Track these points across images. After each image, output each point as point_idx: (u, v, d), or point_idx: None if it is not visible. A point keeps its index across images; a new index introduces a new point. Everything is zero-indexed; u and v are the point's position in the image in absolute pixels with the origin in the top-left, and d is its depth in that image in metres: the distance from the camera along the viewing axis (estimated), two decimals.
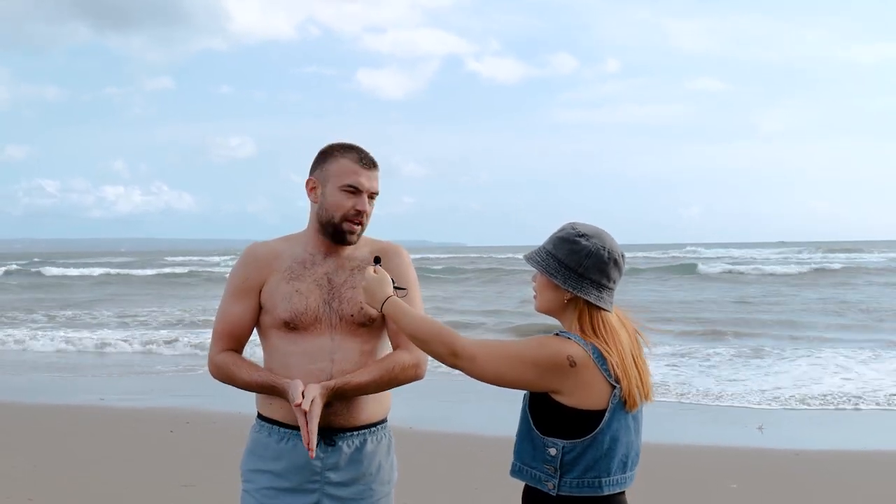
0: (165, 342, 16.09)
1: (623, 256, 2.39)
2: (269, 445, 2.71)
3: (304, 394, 2.55)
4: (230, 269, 2.87)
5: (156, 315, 22.03)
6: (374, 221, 2.77)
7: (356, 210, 2.70)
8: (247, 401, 2.93)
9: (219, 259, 64.03)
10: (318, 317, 2.69)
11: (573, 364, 2.26)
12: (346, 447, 2.70)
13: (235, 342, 2.77)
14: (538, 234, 2.49)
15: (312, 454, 2.53)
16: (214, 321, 2.82)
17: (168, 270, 46.28)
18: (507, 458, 2.44)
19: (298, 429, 2.65)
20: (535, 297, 2.44)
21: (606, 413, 2.29)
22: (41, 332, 17.90)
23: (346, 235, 2.72)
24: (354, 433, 2.72)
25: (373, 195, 2.74)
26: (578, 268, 2.33)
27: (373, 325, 2.74)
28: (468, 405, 9.42)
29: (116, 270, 47.47)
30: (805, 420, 8.97)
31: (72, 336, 17.16)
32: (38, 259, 74.26)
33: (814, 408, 9.52)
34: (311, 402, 2.54)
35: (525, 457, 2.36)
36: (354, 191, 2.70)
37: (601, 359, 2.29)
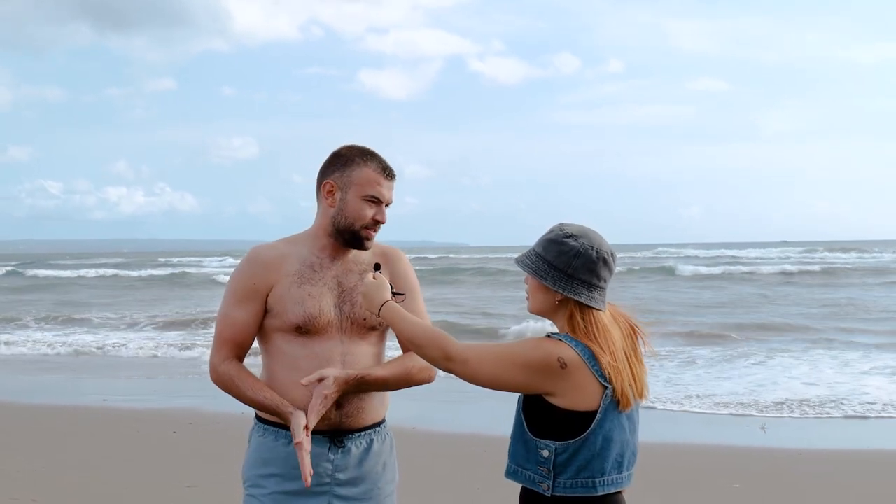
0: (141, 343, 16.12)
1: (613, 255, 2.39)
2: (276, 449, 2.69)
3: (321, 375, 2.57)
4: (218, 269, 2.85)
5: (135, 316, 21.85)
6: None
7: (376, 220, 2.72)
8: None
9: (208, 260, 64.40)
10: (330, 321, 2.68)
11: (564, 366, 2.27)
12: (355, 448, 2.71)
13: (239, 348, 2.74)
14: (541, 235, 2.48)
15: (308, 484, 2.53)
16: (217, 326, 2.77)
17: (161, 272, 46.06)
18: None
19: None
20: (528, 299, 2.45)
21: (598, 413, 2.29)
22: (22, 334, 17.97)
23: (364, 242, 2.74)
24: (362, 433, 2.73)
25: (388, 204, 2.76)
26: (568, 269, 2.33)
27: (382, 329, 2.75)
28: (470, 405, 9.42)
29: (114, 272, 47.14)
30: (807, 420, 8.95)
31: (52, 339, 17.18)
32: (30, 261, 74.25)
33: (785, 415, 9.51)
34: (324, 382, 2.56)
35: (519, 458, 2.37)
36: (376, 201, 2.71)
37: (593, 359, 2.29)
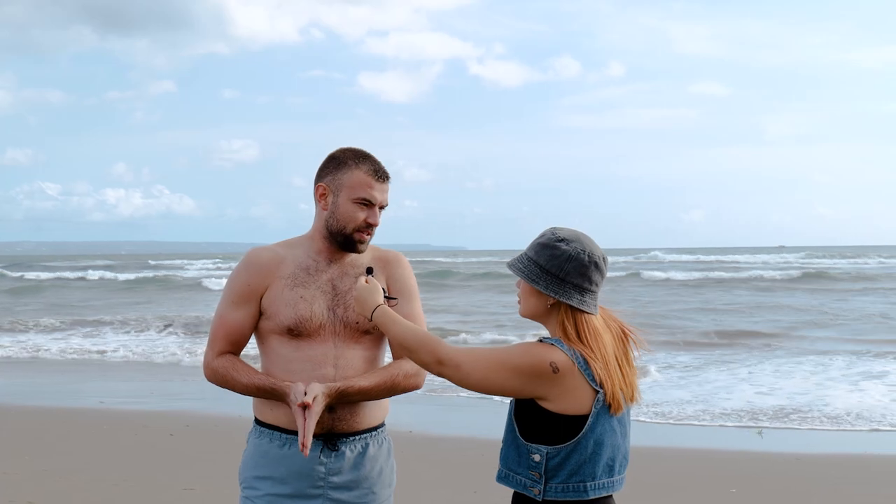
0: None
1: (605, 259, 2.39)
2: (271, 451, 2.70)
3: (307, 391, 2.55)
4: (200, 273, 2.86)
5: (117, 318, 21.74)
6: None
7: (368, 223, 2.72)
8: (247, 404, 2.93)
9: (182, 262, 64.44)
10: (323, 323, 2.69)
11: (556, 370, 2.27)
12: (350, 452, 2.70)
13: (233, 347, 2.75)
14: (533, 239, 2.48)
15: (306, 452, 2.52)
16: (212, 325, 2.79)
17: (148, 274, 45.95)
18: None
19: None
20: (520, 303, 2.45)
21: (590, 417, 2.29)
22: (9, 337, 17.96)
23: (357, 245, 2.74)
24: (357, 437, 2.72)
25: (382, 207, 2.76)
26: (559, 272, 2.33)
27: (376, 333, 2.75)
28: (467, 409, 9.42)
29: (100, 273, 47.00)
30: (805, 425, 8.96)
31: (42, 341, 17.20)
32: (14, 263, 74.19)
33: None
34: (313, 400, 2.54)
35: (510, 463, 2.37)
36: (368, 204, 2.71)
37: (584, 364, 2.30)
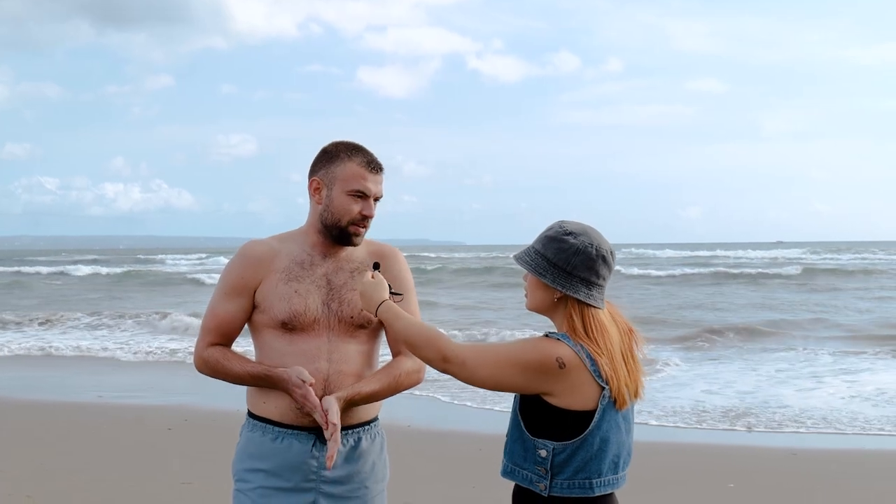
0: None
1: (612, 253, 2.38)
2: (264, 444, 2.70)
3: (324, 405, 2.57)
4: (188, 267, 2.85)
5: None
6: (375, 220, 2.78)
7: (363, 215, 2.71)
8: (245, 398, 2.93)
9: (164, 257, 64.47)
10: (317, 318, 2.68)
11: (563, 366, 2.26)
12: (342, 446, 2.70)
13: (224, 339, 2.75)
14: (540, 232, 2.47)
15: (330, 465, 2.56)
16: (204, 317, 2.79)
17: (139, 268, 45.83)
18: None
19: (292, 427, 2.66)
20: (526, 297, 2.44)
21: (596, 414, 2.28)
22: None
23: (352, 238, 2.73)
24: (350, 432, 2.72)
25: (377, 198, 2.75)
26: (567, 266, 2.32)
27: (370, 328, 2.75)
28: (466, 404, 9.42)
29: (91, 268, 46.82)
30: (798, 421, 8.96)
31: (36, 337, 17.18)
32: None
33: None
34: (335, 414, 2.56)
35: (516, 458, 2.36)
36: (362, 196, 2.70)
37: (591, 360, 2.29)
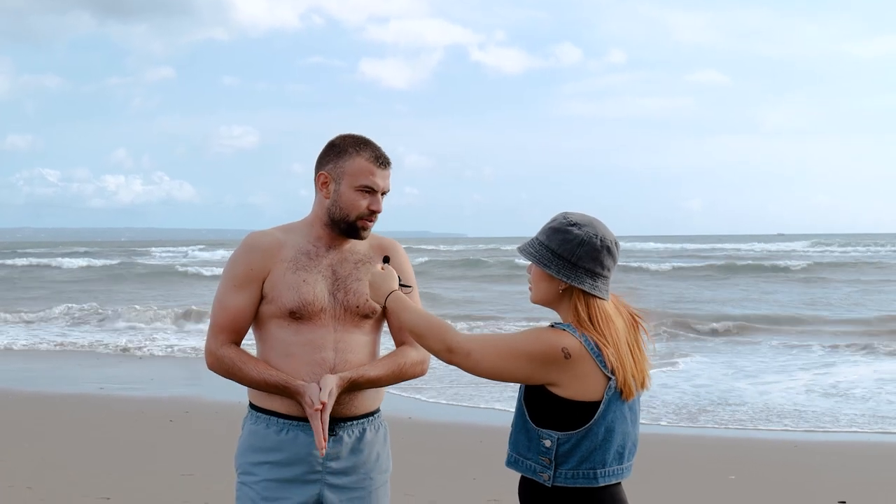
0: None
1: (616, 244, 2.38)
2: (269, 437, 2.70)
3: (322, 386, 2.57)
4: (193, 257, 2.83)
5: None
6: None
7: (371, 210, 2.72)
8: (246, 390, 2.93)
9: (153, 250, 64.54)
10: (324, 307, 2.69)
11: (568, 356, 2.26)
12: (347, 437, 2.71)
13: (236, 334, 2.74)
14: (544, 224, 2.47)
15: (323, 452, 2.56)
16: (213, 312, 2.77)
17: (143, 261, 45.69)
18: (506, 449, 2.43)
19: (297, 419, 2.66)
20: (531, 289, 2.43)
21: (601, 404, 2.28)
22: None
23: (360, 232, 2.75)
24: (355, 422, 2.73)
25: (385, 193, 2.76)
26: (571, 257, 2.32)
27: (374, 318, 2.77)
28: (467, 395, 9.43)
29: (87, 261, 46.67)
30: (802, 412, 8.97)
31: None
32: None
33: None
34: (328, 393, 2.57)
35: (520, 448, 2.36)
36: (370, 191, 2.71)
37: (596, 350, 2.28)
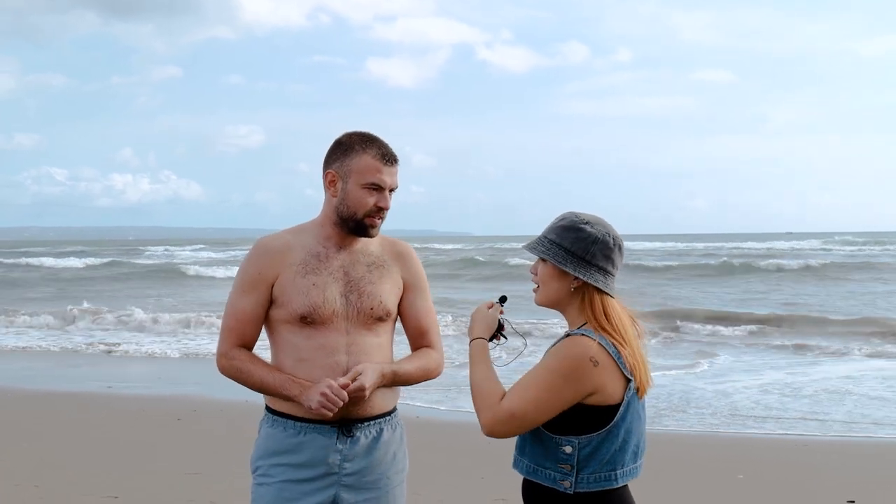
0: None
1: (623, 243, 2.37)
2: (285, 440, 2.69)
3: (361, 371, 2.59)
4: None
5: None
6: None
7: (379, 207, 2.71)
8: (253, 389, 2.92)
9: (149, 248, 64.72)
10: (335, 310, 2.68)
11: (596, 363, 2.23)
12: (364, 437, 2.70)
13: (246, 337, 2.74)
14: (549, 224, 2.45)
15: (330, 414, 2.56)
16: (224, 316, 2.78)
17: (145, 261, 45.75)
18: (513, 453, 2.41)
19: (312, 421, 2.65)
20: (537, 290, 2.39)
21: (622, 406, 2.26)
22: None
23: (368, 230, 2.73)
24: (371, 423, 2.72)
25: (392, 190, 2.75)
26: (586, 255, 2.30)
27: (388, 320, 2.76)
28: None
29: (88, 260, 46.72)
30: (810, 411, 8.94)
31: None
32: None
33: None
34: (367, 378, 2.59)
35: (538, 457, 2.31)
36: (377, 188, 2.70)
37: (616, 352, 2.26)
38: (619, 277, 2.39)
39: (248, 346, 2.75)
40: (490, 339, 2.51)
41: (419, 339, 2.84)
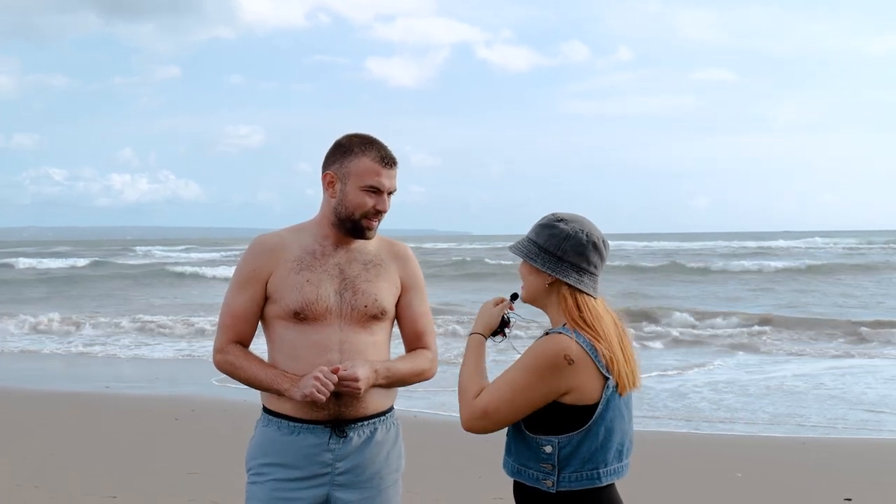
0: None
1: (605, 242, 2.38)
2: (279, 439, 2.71)
3: (353, 366, 2.59)
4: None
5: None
6: None
7: (376, 210, 2.72)
8: (252, 390, 2.93)
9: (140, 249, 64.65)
10: (329, 307, 2.69)
11: (571, 361, 2.24)
12: (357, 437, 2.71)
13: (241, 334, 2.76)
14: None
15: (322, 397, 2.56)
16: (220, 314, 2.81)
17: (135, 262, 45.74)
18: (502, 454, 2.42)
19: (306, 421, 2.66)
20: (523, 288, 2.44)
21: (600, 404, 2.27)
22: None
23: (365, 231, 2.75)
24: (364, 423, 2.73)
25: (391, 192, 2.76)
26: (557, 251, 2.33)
27: (383, 318, 2.77)
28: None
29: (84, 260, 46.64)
30: (808, 409, 8.96)
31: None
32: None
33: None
34: (360, 375, 2.60)
35: (521, 457, 2.34)
36: (376, 191, 2.71)
37: (592, 349, 2.27)
38: (614, 278, 2.40)
39: (245, 343, 2.77)
40: (494, 336, 2.55)
41: (414, 341, 2.85)
